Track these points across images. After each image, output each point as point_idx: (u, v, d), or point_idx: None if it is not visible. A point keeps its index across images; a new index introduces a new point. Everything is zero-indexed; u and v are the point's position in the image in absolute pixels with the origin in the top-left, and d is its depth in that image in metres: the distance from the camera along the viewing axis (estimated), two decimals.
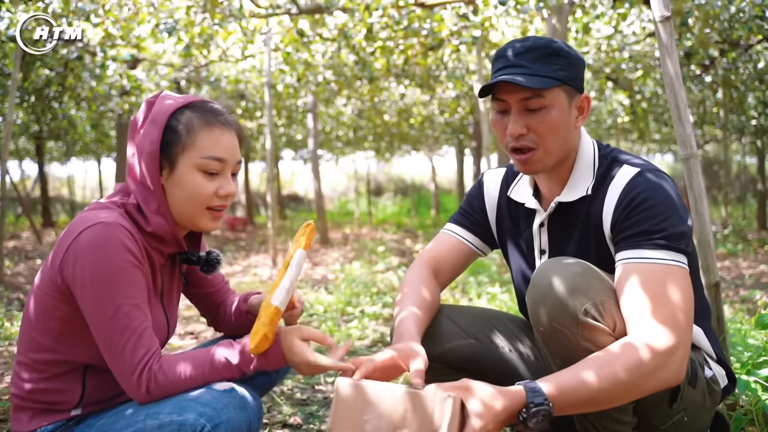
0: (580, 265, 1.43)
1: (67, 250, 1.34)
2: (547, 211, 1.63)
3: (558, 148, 1.53)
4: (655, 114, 9.95)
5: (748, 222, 12.55)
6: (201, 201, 1.44)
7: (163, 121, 1.42)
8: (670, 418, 1.50)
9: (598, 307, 1.37)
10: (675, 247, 1.40)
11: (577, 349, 1.39)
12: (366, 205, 17.50)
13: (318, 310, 4.50)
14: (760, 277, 6.13)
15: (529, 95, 1.48)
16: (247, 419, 1.31)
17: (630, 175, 1.49)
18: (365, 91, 8.56)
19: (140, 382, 1.31)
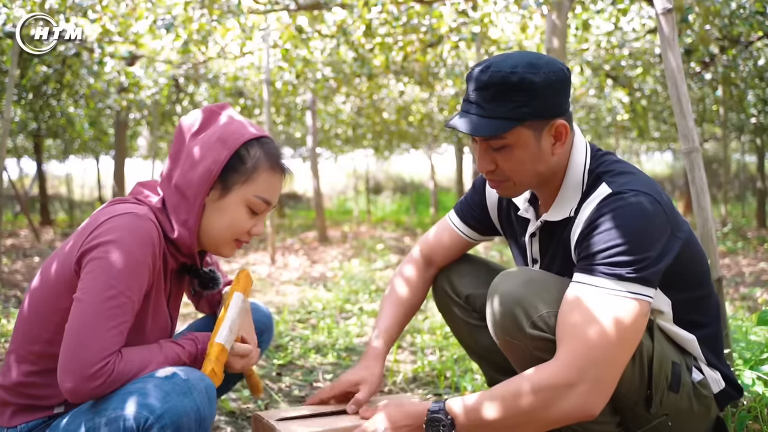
0: (529, 275, 1.44)
1: (96, 229, 1.31)
2: (536, 224, 1.62)
3: (530, 179, 1.52)
4: (654, 112, 9.92)
5: (748, 220, 12.54)
6: (235, 233, 1.46)
7: (234, 146, 1.41)
8: (648, 422, 1.48)
9: (544, 319, 1.38)
10: (619, 276, 1.33)
11: (530, 358, 1.41)
12: (365, 204, 17.47)
13: (316, 307, 4.48)
14: (760, 275, 6.11)
15: (487, 138, 1.44)
16: (193, 405, 1.25)
17: (601, 196, 1.43)
18: (364, 89, 8.53)
19: (100, 373, 1.25)
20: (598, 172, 1.50)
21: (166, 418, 1.22)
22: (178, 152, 1.46)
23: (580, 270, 1.39)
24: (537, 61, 1.42)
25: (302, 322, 4.05)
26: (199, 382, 1.28)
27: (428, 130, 13.38)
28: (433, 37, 6.05)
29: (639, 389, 1.45)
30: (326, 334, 3.65)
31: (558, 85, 1.43)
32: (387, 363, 3.16)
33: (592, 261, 1.37)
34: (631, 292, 1.33)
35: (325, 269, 6.79)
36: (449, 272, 1.89)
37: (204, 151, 1.41)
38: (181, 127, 1.48)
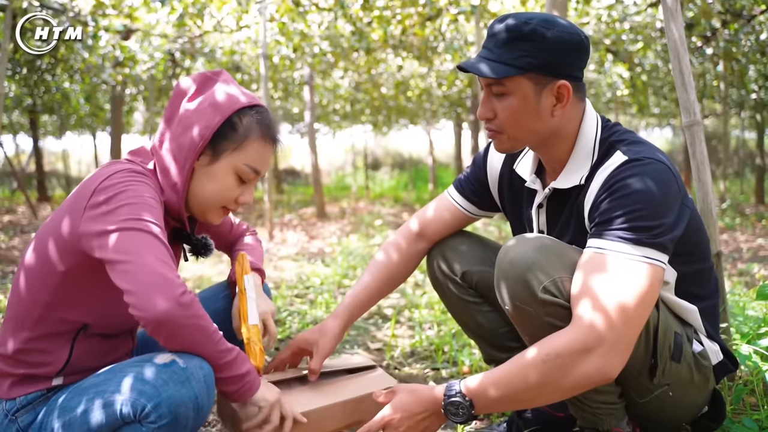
0: (541, 241, 1.42)
1: (94, 193, 1.29)
2: (544, 194, 1.61)
3: (525, 135, 1.51)
4: (654, 87, 9.86)
5: (746, 196, 12.54)
6: (223, 200, 1.46)
7: (227, 113, 1.41)
8: (651, 392, 1.48)
9: (557, 284, 1.36)
10: (638, 240, 1.33)
11: (541, 325, 1.39)
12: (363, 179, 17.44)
13: (314, 282, 4.48)
14: (757, 251, 6.12)
15: (490, 81, 1.46)
16: (191, 394, 1.23)
17: (617, 163, 1.42)
18: (362, 63, 8.46)
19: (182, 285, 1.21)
20: (612, 140, 1.50)
21: (164, 407, 1.21)
22: (172, 116, 1.45)
23: (596, 235, 1.37)
24: (554, 19, 1.43)
25: (300, 297, 4.05)
26: (197, 371, 1.26)
27: (427, 105, 13.32)
28: (431, 11, 5.98)
29: (644, 358, 1.45)
30: (324, 309, 3.65)
31: (569, 47, 1.43)
32: (384, 338, 3.16)
33: (609, 226, 1.35)
34: (648, 257, 1.32)
35: (323, 245, 6.79)
36: (444, 249, 1.86)
37: (196, 116, 1.40)
38: (176, 91, 1.48)
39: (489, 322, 1.84)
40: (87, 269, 1.34)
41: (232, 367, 1.32)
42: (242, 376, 1.34)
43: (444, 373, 2.57)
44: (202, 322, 1.26)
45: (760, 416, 1.75)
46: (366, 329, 3.35)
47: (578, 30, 1.45)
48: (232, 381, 1.33)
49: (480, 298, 1.83)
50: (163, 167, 1.43)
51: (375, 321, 3.53)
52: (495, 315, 1.83)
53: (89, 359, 1.44)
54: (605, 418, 1.50)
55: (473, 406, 1.35)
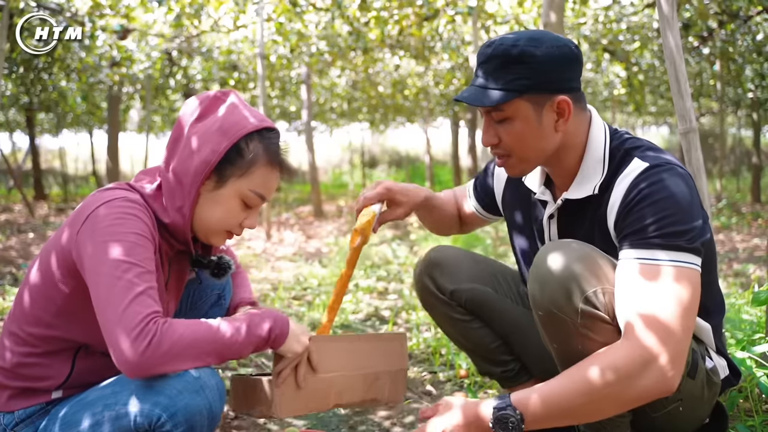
0: (584, 250, 1.38)
1: (87, 220, 1.30)
2: (556, 205, 1.59)
3: (534, 155, 1.50)
4: (651, 86, 9.88)
5: (742, 195, 12.58)
6: (227, 225, 1.44)
7: (234, 138, 1.37)
8: (664, 407, 1.48)
9: (598, 295, 1.33)
10: (678, 246, 1.31)
11: (575, 336, 1.37)
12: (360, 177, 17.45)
13: (312, 283, 4.49)
14: (753, 251, 6.14)
15: (489, 108, 1.45)
16: (206, 402, 1.24)
17: (638, 170, 1.41)
18: (359, 63, 8.46)
19: (143, 334, 1.19)
20: (626, 147, 1.48)
21: (180, 417, 1.22)
22: (178, 138, 1.43)
23: (632, 245, 1.35)
24: (541, 36, 1.42)
25: (298, 299, 4.06)
26: (209, 379, 1.27)
27: (424, 103, 13.32)
28: (429, 11, 5.98)
29: None
30: (321, 311, 3.66)
31: (561, 61, 1.42)
32: None
33: (643, 234, 1.34)
34: (687, 262, 1.32)
35: (321, 244, 6.80)
36: (430, 268, 1.84)
37: (203, 140, 1.38)
38: (184, 111, 1.45)
39: (480, 338, 1.84)
40: (86, 293, 1.33)
41: (249, 340, 1.31)
42: (266, 338, 1.33)
43: (441, 377, 2.58)
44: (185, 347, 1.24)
45: (754, 422, 1.77)
46: (363, 331, 3.36)
47: (566, 41, 1.45)
48: (259, 344, 1.33)
49: (470, 316, 1.83)
50: (170, 189, 1.41)
51: (372, 323, 3.54)
52: (486, 331, 1.84)
53: (90, 375, 1.43)
54: (611, 429, 1.50)
55: (523, 421, 1.29)
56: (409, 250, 6.35)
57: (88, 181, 17.79)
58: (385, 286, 4.55)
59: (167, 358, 1.21)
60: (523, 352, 1.85)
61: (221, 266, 1.59)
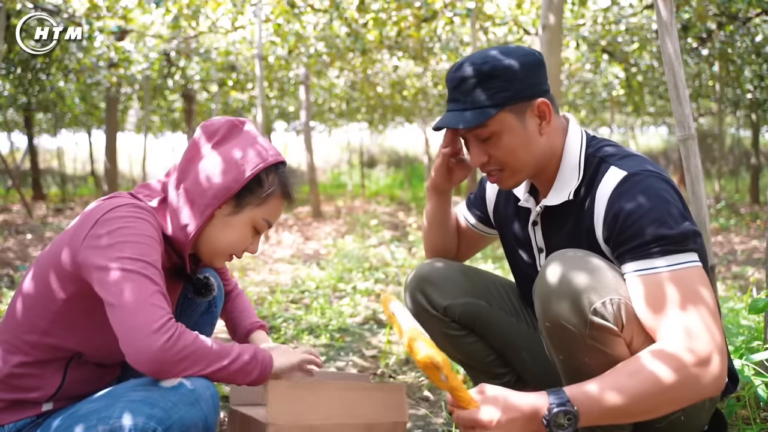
0: (591, 260, 1.38)
1: (96, 224, 1.32)
2: (536, 211, 1.61)
3: (526, 164, 1.51)
4: (650, 87, 9.87)
5: (741, 195, 12.57)
6: (235, 249, 1.51)
7: (256, 170, 1.45)
8: (666, 417, 1.48)
9: (607, 306, 1.33)
10: (681, 249, 1.33)
11: (582, 347, 1.36)
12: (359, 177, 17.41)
13: (309, 286, 4.48)
14: (752, 253, 6.13)
15: (472, 129, 1.46)
16: (201, 415, 1.25)
17: (616, 180, 1.42)
18: (358, 64, 8.44)
19: (164, 329, 1.22)
20: (601, 156, 1.50)
21: (175, 429, 1.22)
22: (194, 158, 1.47)
23: (635, 258, 1.36)
24: (506, 49, 1.47)
25: (295, 302, 4.05)
26: (205, 391, 1.28)
27: (422, 104, 13.30)
28: (427, 12, 5.96)
29: None
30: (319, 315, 3.65)
31: (532, 67, 1.46)
32: (380, 344, 3.17)
33: (647, 246, 1.34)
34: (688, 262, 1.33)
35: (319, 246, 6.78)
36: (422, 283, 1.82)
37: (224, 166, 1.44)
38: (201, 132, 1.49)
39: (476, 352, 1.84)
40: (86, 299, 1.34)
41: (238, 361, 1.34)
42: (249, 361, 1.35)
43: None
44: (196, 353, 1.27)
45: (752, 431, 1.76)
46: (361, 335, 3.35)
47: (528, 49, 1.50)
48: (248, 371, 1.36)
49: (464, 330, 1.82)
50: (176, 206, 1.44)
51: (370, 327, 3.53)
52: (481, 345, 1.83)
53: (81, 386, 1.43)
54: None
55: (579, 419, 1.24)
56: (407, 252, 6.34)
57: (86, 181, 17.76)
58: (383, 289, 4.54)
59: (182, 358, 1.24)
60: (520, 364, 1.84)
61: (208, 287, 1.63)
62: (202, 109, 12.96)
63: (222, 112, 13.15)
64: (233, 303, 1.84)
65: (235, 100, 11.25)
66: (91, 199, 13.74)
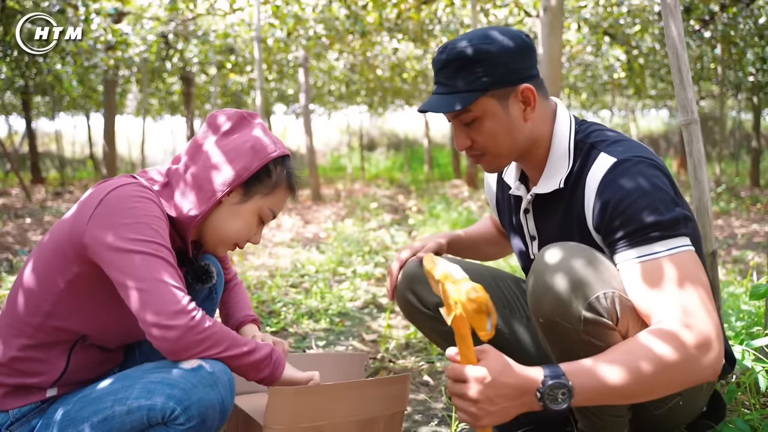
0: (584, 252, 1.36)
1: (100, 203, 1.33)
2: (527, 199, 1.60)
3: (508, 149, 1.50)
4: (651, 69, 9.81)
5: (742, 178, 12.54)
6: (240, 237, 1.53)
7: (266, 159, 1.48)
8: (666, 404, 1.47)
9: (601, 301, 1.31)
10: (674, 234, 1.32)
11: (577, 343, 1.35)
12: (359, 160, 17.37)
13: (309, 270, 4.48)
14: (752, 237, 6.12)
15: (456, 113, 1.45)
16: (219, 397, 1.27)
17: (605, 167, 1.40)
18: (357, 46, 8.38)
19: (186, 309, 1.26)
20: (591, 142, 1.48)
21: (193, 410, 1.24)
22: (203, 145, 1.49)
23: (628, 246, 1.34)
24: (492, 33, 1.45)
25: (295, 286, 4.05)
26: (223, 375, 1.30)
27: (422, 86, 13.23)
28: None
29: None
30: (319, 299, 3.65)
31: (516, 52, 1.44)
32: (380, 329, 3.17)
33: (641, 232, 1.33)
34: (682, 246, 1.32)
35: (319, 230, 6.78)
36: (412, 283, 1.79)
37: (235, 154, 1.46)
38: (210, 123, 1.52)
39: None
40: (92, 280, 1.35)
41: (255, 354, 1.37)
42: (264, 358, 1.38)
43: (439, 365, 2.57)
44: (215, 336, 1.30)
45: (752, 417, 1.76)
46: (361, 320, 3.35)
47: (517, 32, 1.47)
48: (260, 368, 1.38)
49: None
50: (182, 191, 1.46)
51: (370, 311, 3.53)
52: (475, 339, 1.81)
53: (85, 371, 1.44)
54: (609, 428, 1.49)
55: (573, 395, 1.20)
56: (407, 236, 6.34)
57: (85, 164, 17.72)
58: (383, 273, 4.54)
59: (203, 338, 1.27)
60: (516, 353, 1.82)
61: (209, 274, 1.64)
62: (200, 91, 12.90)
63: (221, 94, 13.09)
64: (230, 293, 1.84)
65: (234, 83, 11.19)
66: (90, 183, 13.72)
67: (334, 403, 1.51)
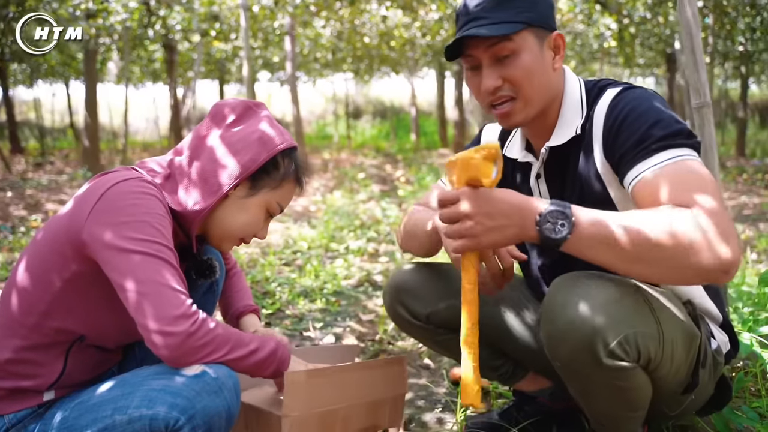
0: (600, 287, 1.26)
1: (100, 198, 1.26)
2: (540, 160, 1.52)
3: (538, 94, 1.42)
4: (641, 38, 9.73)
5: (727, 148, 12.59)
6: (247, 232, 1.47)
7: (274, 151, 1.43)
8: (681, 404, 1.45)
9: (623, 345, 1.22)
10: (677, 144, 1.25)
11: (598, 385, 1.29)
12: (345, 129, 17.22)
13: (302, 246, 4.43)
14: (741, 209, 6.15)
15: (495, 43, 1.37)
16: (224, 404, 1.22)
17: (612, 95, 1.39)
18: (346, 14, 8.21)
19: (187, 315, 1.19)
20: (600, 85, 1.47)
21: (198, 419, 1.18)
22: (207, 136, 1.43)
23: (640, 159, 1.26)
24: None
25: (288, 264, 4.00)
26: (227, 380, 1.24)
27: (410, 54, 13.06)
28: None
29: (685, 378, 1.40)
30: (313, 278, 3.61)
31: (548, 2, 1.44)
32: (376, 308, 3.14)
33: (640, 147, 1.27)
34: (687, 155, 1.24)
35: (308, 203, 6.71)
36: (400, 294, 1.70)
37: (241, 146, 1.41)
38: (215, 113, 1.46)
39: None
40: (90, 278, 1.29)
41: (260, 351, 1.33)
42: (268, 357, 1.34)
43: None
44: (218, 339, 1.25)
45: (760, 404, 1.75)
46: (357, 298, 3.32)
47: None
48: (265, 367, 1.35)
49: (453, 333, 1.63)
50: (187, 183, 1.40)
51: (365, 289, 3.50)
52: None
53: (83, 372, 1.38)
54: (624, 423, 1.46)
55: (572, 230, 1.15)
56: (398, 208, 6.29)
57: (65, 133, 17.39)
58: (376, 248, 4.50)
59: (204, 344, 1.22)
60: (515, 353, 1.77)
61: (212, 268, 1.59)
62: (183, 59, 12.64)
63: (205, 62, 12.82)
64: (230, 282, 1.79)
65: (218, 51, 10.96)
66: (71, 152, 13.47)
67: (344, 385, 1.50)
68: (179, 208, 1.38)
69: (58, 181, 8.64)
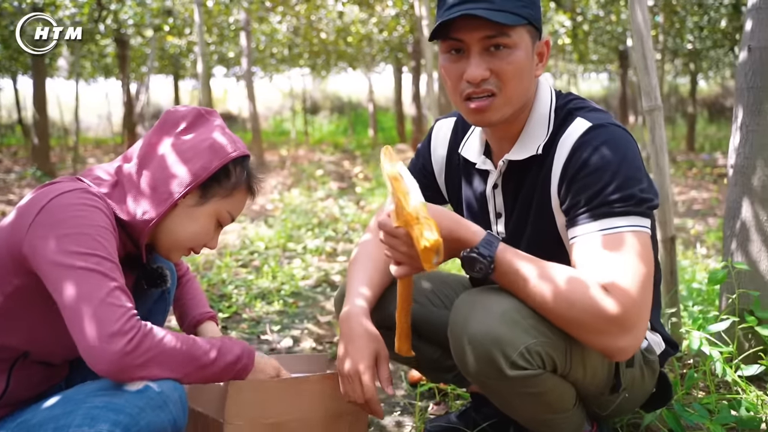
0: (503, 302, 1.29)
1: (41, 210, 1.22)
2: (498, 171, 1.49)
3: (518, 96, 1.37)
4: (594, 35, 9.90)
5: (677, 143, 12.91)
6: (196, 242, 1.44)
7: (225, 159, 1.40)
8: (612, 403, 1.48)
9: (525, 356, 1.26)
10: (625, 211, 1.26)
11: (509, 393, 1.32)
12: (302, 124, 17.07)
13: (259, 247, 4.38)
14: (691, 204, 6.31)
15: (493, 33, 1.30)
16: (170, 418, 1.19)
17: (581, 130, 1.33)
18: (302, 10, 8.13)
19: (123, 331, 1.14)
20: (570, 108, 1.41)
21: None
22: (157, 144, 1.39)
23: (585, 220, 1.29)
24: None
25: (245, 266, 3.94)
26: (172, 393, 1.20)
27: (367, 50, 13.01)
28: None
29: (607, 380, 1.44)
30: (270, 279, 3.57)
31: (539, 5, 1.39)
32: (333, 309, 3.11)
33: (593, 204, 1.28)
34: (641, 226, 1.27)
35: (265, 201, 6.64)
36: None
37: (192, 153, 1.38)
38: (166, 120, 1.42)
39: (422, 353, 1.71)
40: (32, 293, 1.24)
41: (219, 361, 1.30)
42: (234, 363, 1.33)
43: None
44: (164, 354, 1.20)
45: (710, 400, 1.80)
46: (314, 299, 3.29)
47: None
48: (226, 371, 1.32)
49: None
50: (135, 192, 1.36)
51: (323, 289, 3.47)
52: (424, 344, 1.71)
53: (27, 389, 1.33)
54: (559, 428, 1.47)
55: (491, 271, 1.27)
56: (356, 206, 6.27)
57: (13, 130, 16.82)
58: (334, 247, 4.48)
59: (145, 361, 1.17)
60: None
61: (163, 277, 1.55)
62: (136, 54, 12.35)
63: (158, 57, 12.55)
64: (183, 289, 1.75)
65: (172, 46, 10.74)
66: (20, 150, 13.05)
67: (297, 397, 1.47)
68: (128, 217, 1.34)
69: (6, 180, 8.36)
